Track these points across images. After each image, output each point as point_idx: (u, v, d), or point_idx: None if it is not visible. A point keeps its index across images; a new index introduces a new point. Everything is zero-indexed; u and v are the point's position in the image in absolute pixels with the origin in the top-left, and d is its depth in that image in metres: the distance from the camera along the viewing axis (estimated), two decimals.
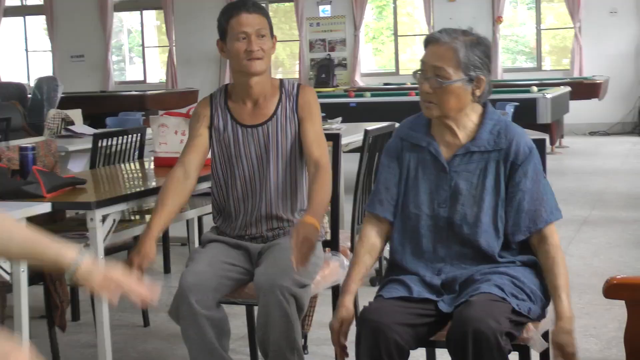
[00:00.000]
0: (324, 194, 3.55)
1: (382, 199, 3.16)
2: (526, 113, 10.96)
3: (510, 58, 17.59)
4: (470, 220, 3.01)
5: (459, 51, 2.98)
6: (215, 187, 3.78)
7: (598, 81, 13.79)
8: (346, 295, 3.07)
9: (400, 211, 3.13)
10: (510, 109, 10.10)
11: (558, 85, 13.31)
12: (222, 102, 3.77)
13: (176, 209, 3.65)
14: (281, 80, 3.80)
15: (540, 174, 3.05)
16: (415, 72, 3.07)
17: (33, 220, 3.84)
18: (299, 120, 3.71)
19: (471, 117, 3.09)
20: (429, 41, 3.04)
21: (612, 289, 2.47)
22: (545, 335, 3.07)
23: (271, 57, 3.75)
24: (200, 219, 6.17)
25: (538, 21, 16.99)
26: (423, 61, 3.03)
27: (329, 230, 4.06)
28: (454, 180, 3.05)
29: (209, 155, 3.78)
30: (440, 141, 3.10)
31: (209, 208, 4.69)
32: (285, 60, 18.91)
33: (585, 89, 13.64)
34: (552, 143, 12.82)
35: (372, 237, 3.18)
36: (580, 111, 14.90)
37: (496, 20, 16.51)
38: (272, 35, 3.71)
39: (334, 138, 4.06)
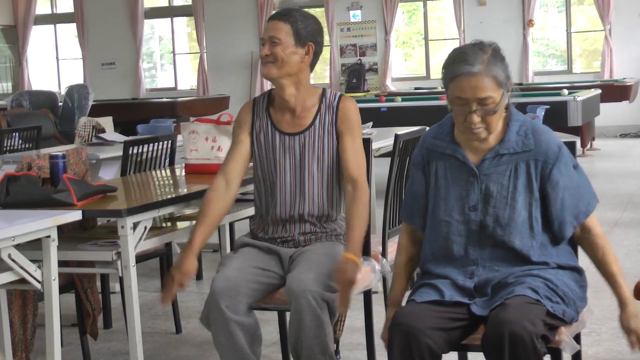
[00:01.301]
0: (362, 222, 3.59)
1: (411, 210, 3.21)
2: (557, 116, 10.90)
3: (541, 61, 17.50)
4: (503, 222, 3.00)
5: (498, 74, 2.96)
6: (256, 192, 3.80)
7: (628, 83, 13.69)
8: (392, 308, 3.14)
9: (431, 219, 3.13)
10: (541, 112, 10.04)
11: (589, 87, 13.24)
12: (263, 108, 3.79)
13: (218, 220, 3.71)
14: (323, 90, 3.79)
15: (571, 166, 3.06)
16: (451, 109, 3.01)
17: (64, 228, 3.86)
18: (337, 133, 3.70)
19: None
20: (457, 75, 2.95)
21: None
22: (577, 338, 3.05)
23: (294, 63, 3.67)
24: (232, 225, 6.16)
25: (568, 24, 16.89)
26: (461, 97, 2.95)
27: None
28: (484, 183, 3.04)
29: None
30: (466, 147, 3.09)
31: (241, 214, 4.70)
32: (317, 66, 18.87)
33: (616, 92, 13.54)
34: (583, 145, 12.74)
35: (409, 246, 3.24)
36: (610, 113, 14.79)
37: (528, 23, 16.42)
38: (300, 43, 3.67)
39: (364, 143, 4.03)
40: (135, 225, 3.79)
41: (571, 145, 3.20)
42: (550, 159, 3.01)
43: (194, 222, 4.48)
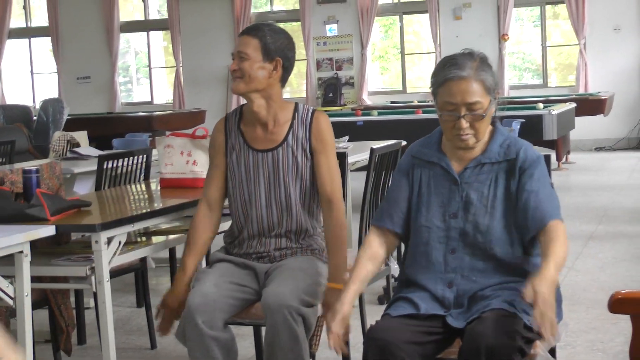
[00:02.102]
0: (341, 245, 3.63)
1: (392, 213, 3.20)
2: (532, 129, 10.94)
3: (516, 75, 17.59)
4: (482, 229, 3.04)
5: (486, 80, 3.03)
6: (230, 204, 3.80)
7: (603, 97, 13.77)
8: (346, 292, 3.07)
9: (413, 225, 3.16)
10: (516, 125, 10.08)
11: (564, 101, 13.30)
12: (235, 125, 3.78)
13: (206, 245, 3.80)
14: (296, 105, 3.78)
15: (546, 179, 3.09)
16: (440, 115, 3.06)
17: (37, 243, 3.83)
18: (312, 150, 3.69)
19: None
20: (448, 79, 3.02)
21: (617, 304, 2.46)
22: (552, 351, 3.06)
23: (261, 79, 3.65)
24: None
25: (544, 38, 17.00)
26: (451, 102, 3.02)
27: None
28: (465, 191, 3.09)
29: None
30: (451, 157, 3.14)
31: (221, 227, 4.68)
32: (293, 80, 18.92)
33: (591, 105, 13.62)
34: (558, 159, 12.80)
35: (375, 245, 3.20)
36: (586, 127, 14.88)
37: (501, 38, 16.51)
38: (268, 58, 3.65)
39: (340, 157, 4.03)
40: (109, 240, 3.77)
41: (546, 159, 3.22)
42: (525, 164, 3.07)
43: (169, 236, 4.48)
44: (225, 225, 4.41)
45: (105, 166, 5.49)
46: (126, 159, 5.69)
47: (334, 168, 3.74)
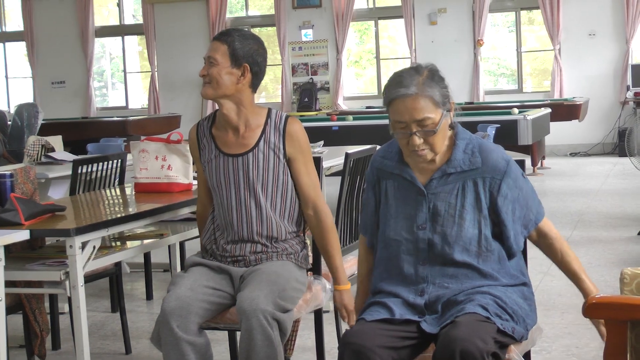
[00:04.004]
0: (336, 247, 3.76)
1: (366, 225, 3.27)
2: (507, 134, 10.97)
3: (491, 80, 17.66)
4: (450, 240, 3.03)
5: (434, 95, 3.00)
6: (202, 212, 3.86)
7: (578, 102, 13.84)
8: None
9: (381, 238, 3.16)
10: (491, 130, 10.11)
11: (539, 106, 13.36)
12: (207, 130, 3.79)
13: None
14: (269, 110, 3.78)
15: (520, 179, 3.11)
16: (394, 133, 3.05)
17: (11, 247, 3.81)
18: (288, 156, 3.70)
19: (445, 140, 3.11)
20: (394, 99, 3.01)
21: (592, 309, 2.48)
22: (526, 356, 3.07)
23: (229, 84, 3.68)
24: (182, 244, 6.14)
25: (519, 44, 17.08)
26: (400, 121, 3.00)
27: (311, 254, 4.04)
28: (432, 202, 3.07)
29: (194, 179, 3.86)
30: (414, 167, 3.12)
31: (190, 233, 4.69)
32: (269, 85, 18.92)
33: (566, 111, 13.69)
34: (533, 164, 12.85)
35: (368, 256, 3.30)
36: (561, 132, 14.97)
37: (477, 43, 16.58)
38: (236, 64, 3.67)
39: (315, 162, 4.04)
40: (84, 245, 3.76)
41: (520, 165, 3.24)
42: (497, 174, 3.05)
43: (144, 241, 4.48)
44: (189, 233, 4.42)
45: (79, 171, 5.47)
46: (101, 164, 5.67)
47: (314, 174, 3.77)
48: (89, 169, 5.57)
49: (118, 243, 4.43)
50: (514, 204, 3.06)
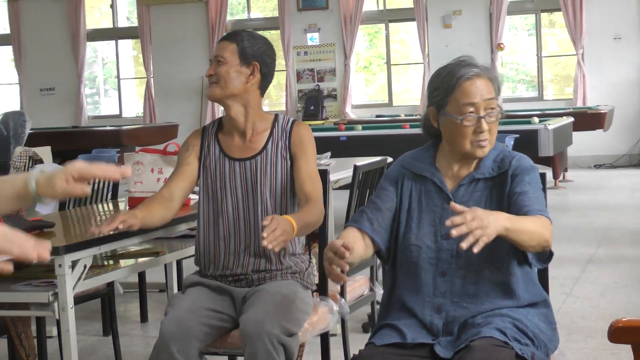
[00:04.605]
0: (311, 213, 3.60)
1: (372, 218, 3.15)
2: (527, 145, 10.94)
3: (509, 87, 17.66)
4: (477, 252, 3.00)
5: (497, 79, 3.13)
6: (200, 223, 3.81)
7: (602, 111, 13.82)
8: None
9: (401, 244, 3.14)
10: (510, 141, 10.10)
11: (560, 115, 13.35)
12: (213, 134, 3.84)
13: (158, 216, 3.76)
14: (276, 115, 3.86)
15: (537, 184, 3.10)
16: (461, 120, 3.05)
17: None
18: (292, 157, 3.73)
19: None
20: (465, 79, 3.06)
21: (618, 333, 2.45)
22: None
23: (238, 83, 3.75)
24: (179, 263, 6.13)
25: (539, 48, 17.08)
26: (472, 102, 3.05)
27: (317, 273, 4.03)
28: None
29: (193, 194, 3.83)
30: (445, 174, 3.15)
31: (188, 251, 4.68)
32: (272, 91, 18.95)
33: (589, 120, 13.68)
34: (555, 177, 12.84)
35: (356, 238, 3.09)
36: (584, 143, 14.94)
37: (497, 47, 16.55)
38: (245, 62, 3.74)
39: (322, 174, 4.04)
40: (74, 264, 3.76)
41: (541, 178, 3.23)
42: (518, 170, 3.09)
43: (139, 260, 4.47)
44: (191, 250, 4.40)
45: None
46: None
47: (314, 172, 3.78)
48: None
49: (110, 262, 4.42)
50: (521, 195, 3.01)
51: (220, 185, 3.75)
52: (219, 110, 17.50)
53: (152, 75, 18.69)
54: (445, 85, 3.09)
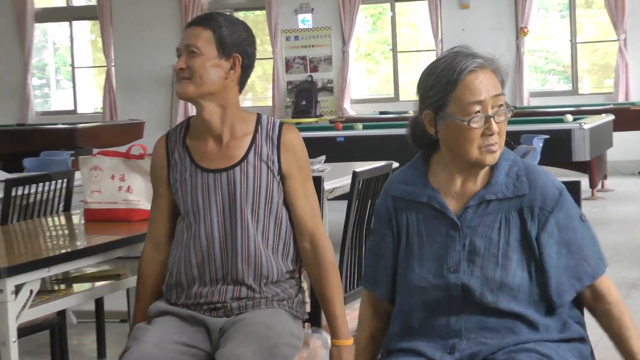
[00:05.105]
0: (337, 292, 3.77)
1: (374, 274, 3.21)
2: (559, 148, 10.98)
3: (538, 79, 17.69)
4: (493, 285, 3.00)
5: (501, 71, 3.08)
6: (174, 240, 3.81)
7: None
8: None
9: (402, 285, 3.13)
10: (538, 143, 10.10)
11: (599, 112, 13.35)
12: (179, 140, 3.78)
13: (159, 289, 3.85)
14: (258, 116, 3.78)
15: (575, 217, 3.08)
16: (470, 120, 3.01)
17: None
18: (283, 173, 3.70)
19: None
20: (468, 71, 3.01)
21: None
22: None
23: (216, 79, 3.68)
24: None
25: (573, 32, 17.09)
26: (477, 100, 3.00)
27: (308, 300, 4.03)
28: (468, 238, 3.04)
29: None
30: (445, 192, 3.10)
31: None
32: (256, 83, 18.97)
33: (633, 117, 13.70)
34: (592, 186, 12.83)
35: (372, 319, 3.26)
36: (626, 145, 14.93)
37: (520, 31, 16.59)
38: (225, 54, 3.68)
39: (315, 182, 4.04)
40: (17, 289, 3.74)
41: (574, 187, 3.22)
42: (547, 204, 3.03)
43: (96, 284, 4.47)
44: None
45: (13, 193, 5.46)
46: (41, 185, 5.66)
47: (312, 196, 3.78)
48: (26, 191, 5.56)
49: (62, 286, 4.42)
50: (561, 247, 3.03)
51: (191, 202, 3.70)
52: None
53: (113, 64, 18.70)
54: (444, 81, 3.01)
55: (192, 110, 17.56)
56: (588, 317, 3.24)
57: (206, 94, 3.67)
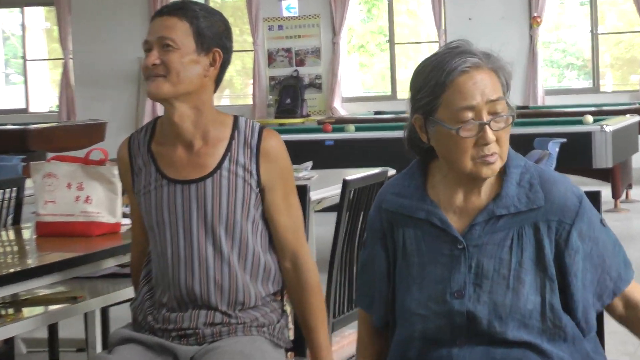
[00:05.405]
0: (321, 316, 3.76)
1: (370, 295, 3.20)
2: (577, 153, 10.98)
3: (555, 74, 17.72)
4: (503, 313, 2.99)
5: (503, 71, 3.02)
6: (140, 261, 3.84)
7: None
8: None
9: (399, 312, 3.12)
10: (554, 147, 10.11)
11: (623, 112, 13.38)
12: (144, 145, 3.76)
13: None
14: (235, 119, 3.75)
15: (596, 225, 3.07)
16: (459, 128, 2.97)
17: None
18: (263, 187, 3.69)
19: None
20: (459, 72, 2.96)
21: None
22: None
23: (194, 78, 3.66)
24: (104, 312, 6.11)
25: (594, 22, 17.14)
26: (469, 106, 2.95)
27: (292, 326, 4.03)
28: (475, 259, 3.02)
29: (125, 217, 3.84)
30: (446, 206, 3.08)
31: (117, 296, 4.68)
32: (235, 78, 18.98)
33: None
34: (614, 196, 12.83)
35: (372, 341, 3.25)
36: None
37: (532, 21, 16.61)
38: (204, 48, 3.66)
39: (300, 192, 4.04)
40: None
41: (594, 198, 3.21)
42: (567, 217, 3.01)
43: (49, 307, 4.46)
44: (129, 291, 4.39)
45: None
46: None
47: (296, 210, 3.75)
48: None
49: (10, 310, 4.41)
50: (586, 261, 3.02)
51: (156, 216, 3.69)
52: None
53: (71, 56, 18.70)
54: (432, 83, 2.98)
55: (161, 109, 17.62)
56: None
57: (182, 94, 3.64)
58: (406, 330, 3.09)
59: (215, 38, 3.66)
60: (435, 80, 2.97)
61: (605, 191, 12.24)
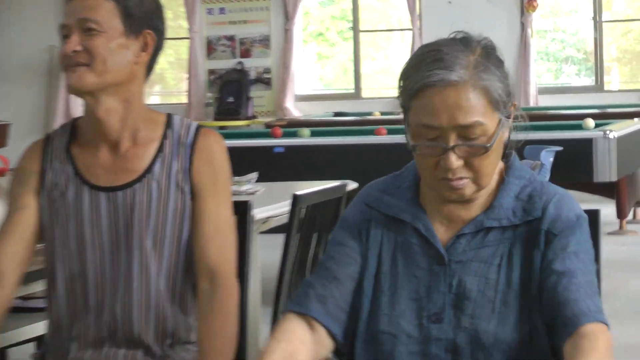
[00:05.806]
0: (223, 349, 3.61)
1: (326, 295, 3.13)
2: (576, 164, 11.02)
3: (551, 69, 17.81)
4: (486, 341, 3.02)
5: (492, 87, 2.98)
6: (47, 285, 3.77)
7: None
8: None
9: (364, 331, 3.12)
10: (548, 157, 10.14)
11: (630, 116, 13.44)
12: (62, 147, 3.75)
13: None
14: (169, 117, 3.77)
15: (588, 253, 3.07)
16: (413, 146, 3.00)
17: None
18: (193, 189, 3.69)
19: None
20: (426, 85, 2.94)
21: None
22: None
23: (123, 65, 3.65)
24: (2, 354, 6.09)
25: (598, 8, 17.22)
26: (431, 125, 2.95)
27: None
28: (456, 277, 3.05)
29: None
30: (435, 215, 3.11)
31: (20, 333, 4.67)
32: (167, 72, 18.99)
33: None
34: (620, 216, 12.89)
35: (296, 338, 3.08)
36: None
37: (526, 7, 16.70)
38: (133, 30, 3.65)
39: (240, 209, 4.04)
40: None
41: (592, 217, 3.22)
42: (556, 227, 3.03)
43: None
44: (37, 327, 4.39)
45: None
46: None
47: (226, 224, 3.73)
48: None
49: None
50: (561, 277, 2.98)
51: (75, 229, 3.67)
52: (78, 103, 17.47)
53: None
54: (407, 82, 3.00)
55: (76, 109, 17.57)
56: None
57: (109, 85, 3.62)
58: (373, 352, 3.10)
59: (145, 18, 3.67)
60: (407, 85, 3.00)
61: (609, 210, 12.35)
